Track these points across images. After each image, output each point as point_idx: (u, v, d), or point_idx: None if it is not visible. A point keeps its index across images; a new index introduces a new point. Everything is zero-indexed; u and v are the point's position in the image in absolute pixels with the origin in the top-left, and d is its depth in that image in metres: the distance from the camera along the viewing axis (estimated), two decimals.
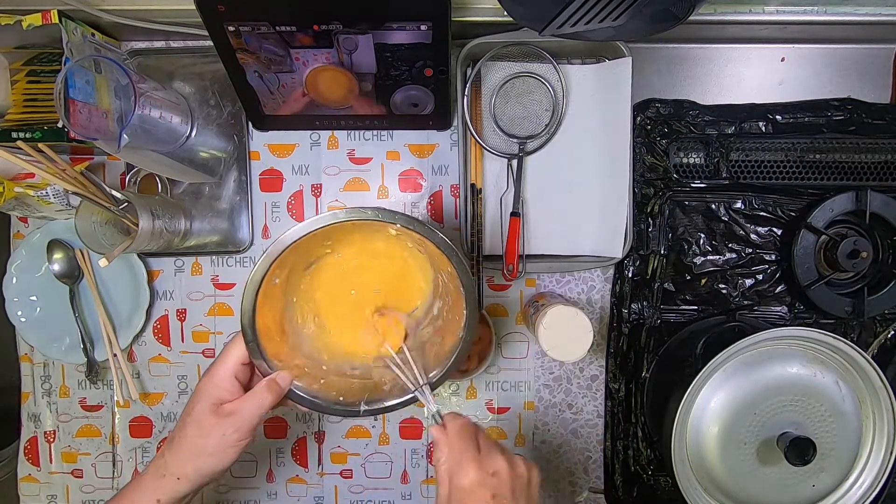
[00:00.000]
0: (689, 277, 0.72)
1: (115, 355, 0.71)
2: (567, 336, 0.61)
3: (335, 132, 0.72)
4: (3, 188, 0.61)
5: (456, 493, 0.48)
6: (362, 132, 0.72)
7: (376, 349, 0.58)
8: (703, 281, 0.72)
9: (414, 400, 0.56)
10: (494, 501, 0.47)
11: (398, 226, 0.50)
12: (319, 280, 0.58)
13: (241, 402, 0.52)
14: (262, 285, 0.51)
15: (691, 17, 0.49)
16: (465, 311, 0.53)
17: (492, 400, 0.75)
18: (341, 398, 0.56)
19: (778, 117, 0.70)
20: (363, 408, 0.55)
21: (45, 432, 0.75)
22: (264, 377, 0.53)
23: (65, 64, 0.60)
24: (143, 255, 0.72)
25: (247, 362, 0.53)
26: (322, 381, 0.56)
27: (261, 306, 0.52)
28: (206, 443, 0.51)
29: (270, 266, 0.50)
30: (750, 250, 0.72)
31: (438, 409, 0.53)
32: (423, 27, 0.55)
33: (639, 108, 0.70)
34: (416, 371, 0.55)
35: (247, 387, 0.54)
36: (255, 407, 0.52)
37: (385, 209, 0.50)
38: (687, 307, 0.73)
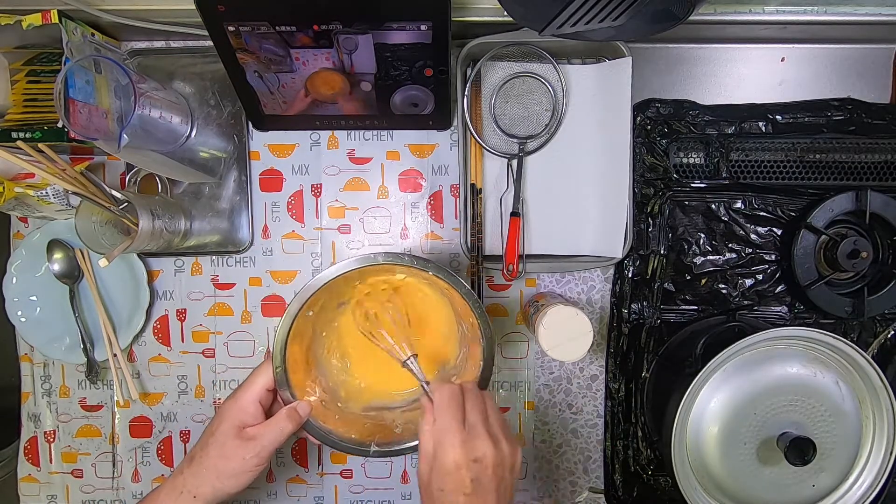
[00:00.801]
0: (689, 277, 0.72)
1: (115, 355, 0.71)
2: (567, 336, 0.61)
3: (335, 132, 0.72)
4: (3, 188, 0.61)
5: (438, 470, 0.48)
6: (362, 132, 0.72)
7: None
8: (703, 281, 0.72)
9: None
10: (473, 486, 0.47)
11: (429, 273, 0.52)
12: (350, 320, 0.60)
13: (263, 428, 0.54)
14: (297, 317, 0.52)
15: (691, 17, 0.49)
16: (481, 363, 0.55)
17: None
18: (353, 436, 0.57)
19: (778, 117, 0.70)
20: (373, 448, 0.56)
21: (45, 432, 0.75)
22: (285, 405, 0.55)
23: (65, 64, 0.59)
24: (143, 255, 0.72)
25: (271, 389, 0.55)
26: (337, 417, 0.58)
27: (292, 337, 0.53)
28: (227, 465, 0.53)
29: (308, 299, 0.51)
30: (750, 250, 0.72)
31: (426, 381, 0.53)
32: (423, 27, 0.55)
33: (639, 108, 0.70)
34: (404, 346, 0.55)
35: (267, 413, 0.56)
36: (276, 433, 0.53)
37: (420, 257, 0.53)
38: (687, 307, 0.73)
